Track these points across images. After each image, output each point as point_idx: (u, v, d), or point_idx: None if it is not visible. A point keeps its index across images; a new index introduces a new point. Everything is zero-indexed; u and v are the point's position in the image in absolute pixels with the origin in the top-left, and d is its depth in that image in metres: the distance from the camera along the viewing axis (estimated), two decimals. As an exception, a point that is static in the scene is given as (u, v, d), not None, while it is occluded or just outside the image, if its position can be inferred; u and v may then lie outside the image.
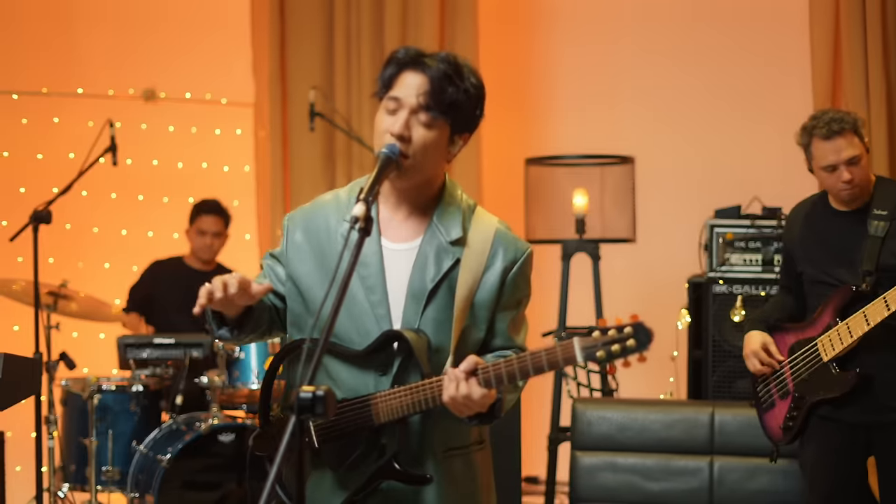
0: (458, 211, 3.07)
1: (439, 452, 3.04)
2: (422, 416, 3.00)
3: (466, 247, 3.03)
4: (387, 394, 2.99)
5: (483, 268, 3.03)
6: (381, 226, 3.09)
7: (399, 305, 3.03)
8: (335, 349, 3.06)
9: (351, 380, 3.04)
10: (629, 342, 2.73)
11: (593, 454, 5.47)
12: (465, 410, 2.88)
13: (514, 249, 3.07)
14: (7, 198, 7.22)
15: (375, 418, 3.00)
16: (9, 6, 7.36)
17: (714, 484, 5.36)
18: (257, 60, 7.27)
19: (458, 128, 3.03)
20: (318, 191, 7.03)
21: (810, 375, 4.48)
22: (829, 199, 4.63)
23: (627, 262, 7.10)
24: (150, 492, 5.79)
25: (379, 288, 3.03)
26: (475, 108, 3.05)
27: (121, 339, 6.29)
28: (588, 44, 7.49)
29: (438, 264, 3.02)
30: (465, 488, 3.10)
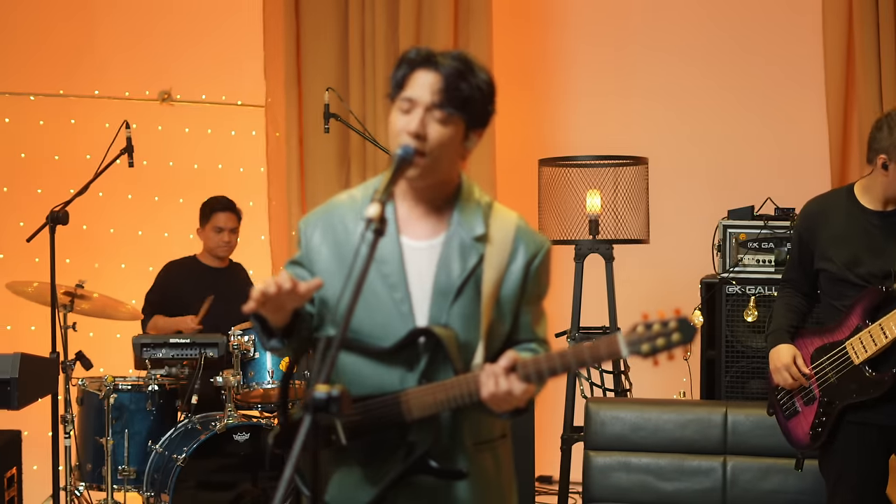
0: (478, 208, 3.09)
1: (469, 446, 3.06)
2: (452, 411, 3.02)
3: (489, 243, 3.05)
4: (418, 391, 3.00)
5: (506, 263, 3.05)
6: (401, 224, 3.11)
7: (423, 302, 3.05)
8: (358, 346, 3.08)
9: (376, 376, 3.05)
10: (675, 336, 2.74)
11: (606, 454, 5.48)
12: (505, 406, 2.89)
13: (535, 243, 3.08)
14: (24, 199, 7.25)
15: (407, 415, 3.00)
16: (26, 9, 7.39)
17: (727, 484, 5.36)
18: (272, 62, 7.28)
19: (472, 124, 3.05)
20: (333, 192, 7.00)
21: (839, 379, 4.38)
22: (856, 196, 4.49)
23: (641, 263, 7.10)
24: (166, 491, 5.80)
25: (401, 285, 3.04)
26: (488, 104, 3.07)
27: (136, 338, 6.30)
28: (601, 44, 7.50)
29: (464, 261, 3.04)
30: (494, 481, 3.12)
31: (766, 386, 4.68)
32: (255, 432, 5.92)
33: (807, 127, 7.12)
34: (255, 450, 5.91)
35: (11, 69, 7.31)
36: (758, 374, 5.92)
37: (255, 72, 7.41)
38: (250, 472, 5.94)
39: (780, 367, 4.49)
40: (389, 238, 3.03)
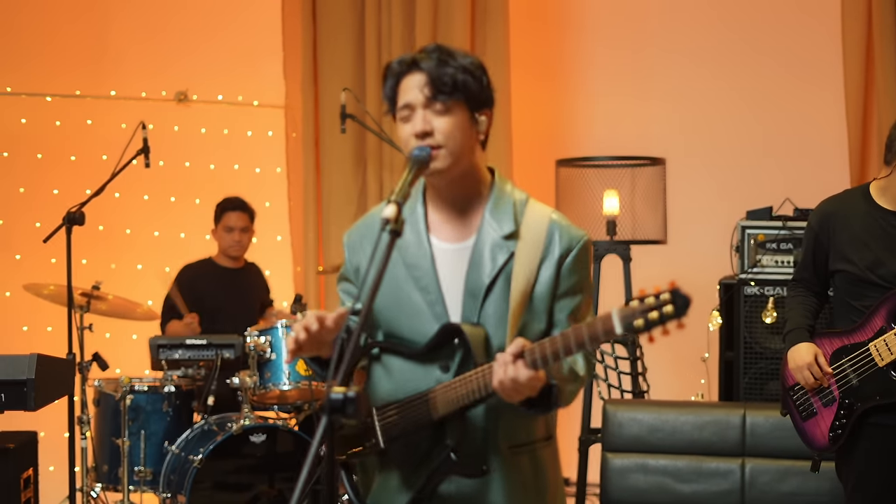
0: (510, 205, 3.08)
1: (504, 449, 3.04)
2: (485, 412, 3.00)
3: (520, 240, 3.04)
4: (443, 387, 3.00)
5: (539, 260, 3.03)
6: (432, 226, 3.12)
7: (456, 304, 3.05)
8: (396, 349, 3.11)
9: (414, 378, 3.06)
10: (666, 308, 2.64)
11: (624, 456, 5.46)
12: (515, 395, 2.85)
13: (569, 237, 3.06)
14: (40, 199, 7.25)
15: (433, 412, 3.00)
16: (42, 9, 7.40)
17: (745, 486, 5.34)
18: (289, 62, 7.28)
19: (473, 104, 3.05)
20: (349, 192, 7.06)
21: (861, 381, 4.34)
22: (873, 197, 4.46)
23: (658, 264, 7.06)
24: (182, 492, 5.80)
25: (433, 287, 3.05)
26: (480, 81, 3.07)
27: (153, 339, 6.31)
28: (618, 45, 7.47)
29: (494, 260, 3.03)
30: (533, 486, 3.08)
31: (780, 386, 4.65)
32: (271, 433, 5.92)
33: (825, 127, 7.08)
34: (272, 451, 5.91)
35: (28, 70, 7.32)
36: (776, 376, 5.89)
37: (272, 72, 7.41)
38: (267, 473, 5.93)
39: (802, 366, 4.45)
40: (419, 241, 3.07)
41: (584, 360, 3.02)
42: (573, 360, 2.98)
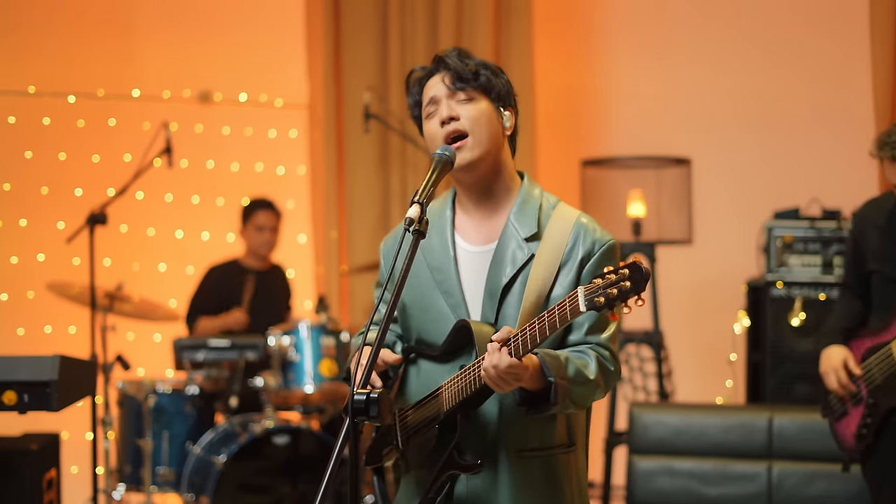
0: (535, 208, 3.07)
1: (513, 453, 3.02)
2: (498, 415, 3.00)
3: (542, 242, 3.03)
4: (448, 381, 3.02)
5: (559, 262, 3.01)
6: (459, 229, 3.13)
7: (478, 306, 3.06)
8: (424, 351, 3.14)
9: (437, 378, 3.08)
10: (624, 283, 2.62)
11: (650, 458, 5.43)
12: (503, 385, 2.84)
13: (592, 241, 3.04)
14: (63, 200, 7.26)
15: (442, 408, 3.02)
16: (65, 9, 7.40)
17: (772, 489, 5.30)
18: (312, 62, 7.27)
19: (496, 99, 3.09)
20: (372, 192, 7.04)
21: (885, 380, 4.30)
22: None
23: (684, 264, 7.03)
24: (205, 493, 5.79)
25: (456, 290, 3.06)
26: (499, 77, 3.11)
27: (177, 341, 6.32)
28: (644, 45, 7.43)
29: (513, 262, 3.02)
30: (544, 492, 3.06)
31: (820, 388, 4.61)
32: (294, 435, 5.91)
33: (853, 127, 7.03)
34: (295, 453, 5.90)
35: (51, 70, 7.32)
36: (803, 378, 5.85)
37: (296, 72, 7.40)
38: (290, 475, 5.93)
39: (829, 370, 4.44)
40: (444, 245, 3.09)
41: (597, 362, 2.98)
42: (582, 363, 2.95)
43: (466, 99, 3.03)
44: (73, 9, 7.44)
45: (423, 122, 3.10)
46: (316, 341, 6.09)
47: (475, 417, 3.01)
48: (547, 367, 2.87)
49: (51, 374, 4.00)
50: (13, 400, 4.00)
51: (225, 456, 5.79)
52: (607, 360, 3.01)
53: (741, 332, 6.08)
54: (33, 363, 4.04)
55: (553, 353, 2.92)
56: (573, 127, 7.50)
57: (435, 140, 3.03)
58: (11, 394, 4.00)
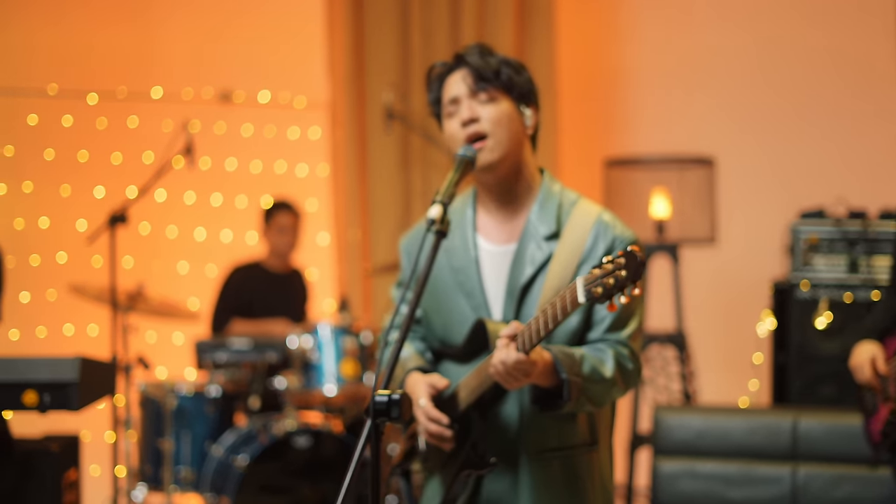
0: (555, 206, 3.05)
1: (533, 453, 3.00)
2: (518, 416, 2.98)
3: (561, 240, 3.01)
4: (464, 380, 3.03)
5: (579, 259, 3.00)
6: (481, 228, 3.12)
7: (500, 306, 3.04)
8: (447, 352, 3.14)
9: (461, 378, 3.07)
10: (620, 273, 2.59)
11: (674, 461, 5.39)
12: (511, 381, 2.83)
13: (612, 237, 3.02)
14: (84, 199, 7.26)
15: (458, 406, 3.02)
16: (86, 8, 7.41)
17: (798, 492, 5.25)
18: (334, 61, 7.24)
19: (517, 96, 3.07)
20: (394, 192, 7.01)
21: None
22: None
23: (708, 265, 7.00)
24: (226, 494, 5.79)
25: (477, 291, 3.05)
26: (521, 75, 3.09)
27: (199, 342, 6.33)
28: (668, 43, 7.39)
29: (532, 261, 3.01)
30: (565, 492, 3.04)
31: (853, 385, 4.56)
32: (315, 437, 5.90)
33: (880, 126, 6.98)
34: (316, 454, 5.89)
35: (72, 70, 7.32)
36: (829, 380, 5.81)
37: (317, 71, 7.38)
38: (311, 476, 5.91)
39: (855, 366, 4.40)
40: (465, 245, 3.08)
41: (615, 360, 2.96)
42: (598, 360, 2.93)
43: (488, 99, 3.01)
44: (94, 8, 7.44)
45: (443, 119, 3.09)
46: (337, 342, 6.08)
47: (495, 418, 3.00)
48: (560, 364, 2.86)
49: (71, 375, 4.00)
50: (34, 400, 4.00)
51: (246, 457, 5.78)
52: (626, 358, 2.99)
53: (766, 333, 6.03)
54: (54, 364, 4.04)
55: (567, 351, 2.91)
56: (596, 126, 7.46)
57: (455, 140, 3.01)
58: (32, 394, 4.00)
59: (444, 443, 2.99)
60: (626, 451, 6.37)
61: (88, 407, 4.15)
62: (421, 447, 3.13)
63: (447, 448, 3.00)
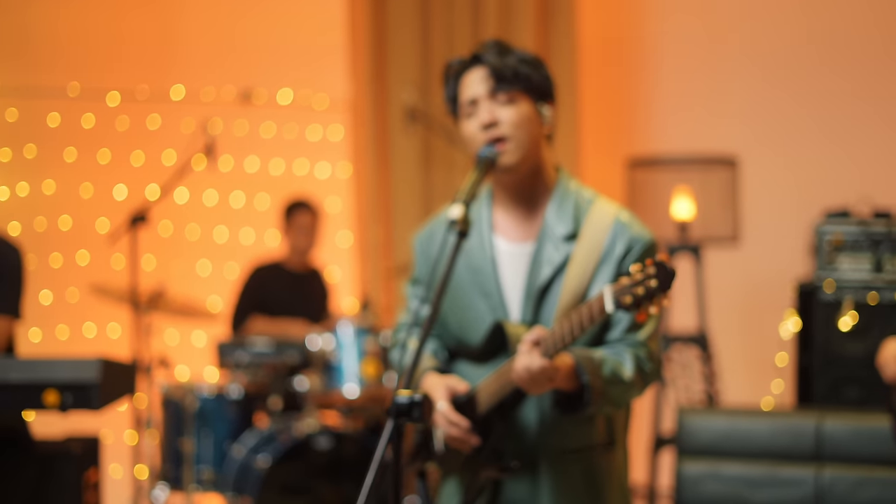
0: (572, 205, 3.04)
1: (553, 455, 2.99)
2: (538, 419, 2.97)
3: (579, 241, 2.99)
4: (483, 382, 3.01)
5: (597, 261, 2.98)
6: (497, 226, 3.11)
7: (518, 306, 3.01)
8: (463, 352, 3.13)
9: (478, 380, 3.06)
10: (651, 283, 2.59)
11: (698, 462, 5.36)
12: (535, 387, 2.82)
13: (630, 238, 3.01)
14: (105, 200, 7.28)
15: (478, 409, 3.00)
16: (108, 8, 7.42)
17: (822, 494, 5.22)
18: (355, 61, 7.24)
19: (536, 95, 3.05)
20: (415, 192, 7.00)
21: None
22: None
23: (731, 266, 6.97)
24: (248, 495, 5.79)
25: (495, 292, 3.04)
26: (539, 70, 3.06)
27: (221, 343, 6.34)
28: (691, 44, 7.35)
29: (550, 262, 2.99)
30: (585, 493, 3.03)
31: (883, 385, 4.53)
32: (337, 437, 5.90)
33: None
34: (337, 454, 5.88)
35: (93, 70, 7.34)
36: (854, 381, 5.77)
37: (339, 71, 7.37)
38: (331, 477, 5.91)
39: (882, 363, 4.37)
40: (482, 245, 3.07)
41: (634, 362, 2.94)
42: (618, 362, 2.92)
43: (507, 100, 3.00)
44: (115, 8, 7.45)
45: (460, 119, 3.08)
46: (359, 342, 6.07)
47: (515, 420, 2.99)
48: (581, 368, 2.85)
49: (92, 376, 4.01)
50: (55, 400, 4.01)
51: (268, 457, 5.78)
52: (644, 360, 2.98)
53: (789, 334, 5.99)
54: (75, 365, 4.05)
55: (588, 354, 2.89)
56: (619, 124, 7.44)
57: (474, 141, 3.01)
58: (53, 394, 4.01)
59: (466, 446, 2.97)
60: (649, 453, 6.35)
61: (109, 407, 4.16)
62: (438, 449, 3.12)
63: (468, 451, 2.99)
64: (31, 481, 4.72)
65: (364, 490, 2.46)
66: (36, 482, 4.76)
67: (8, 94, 7.18)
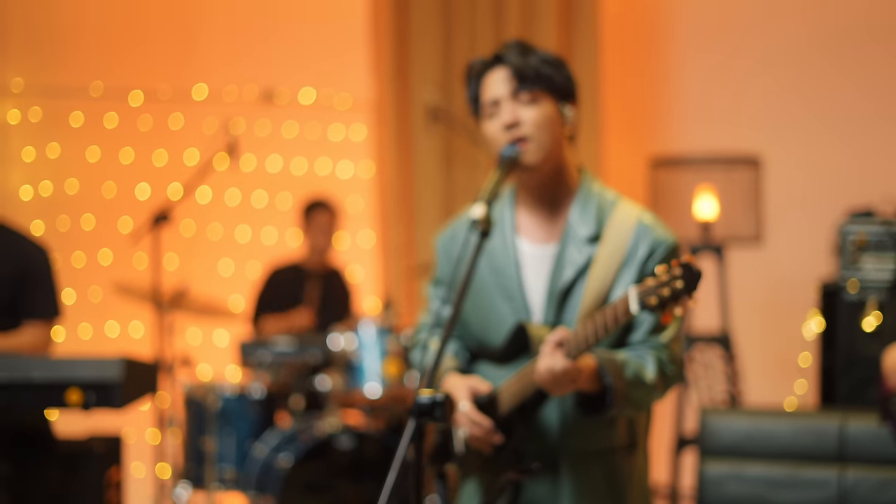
0: (595, 206, 3.03)
1: (574, 457, 2.98)
2: (560, 420, 2.96)
3: (602, 242, 2.98)
4: (505, 384, 3.00)
5: (620, 263, 2.97)
6: (521, 228, 3.10)
7: (540, 309, 3.00)
8: (485, 353, 3.12)
9: (500, 382, 3.05)
10: (677, 284, 2.58)
11: (720, 463, 5.34)
12: (557, 388, 2.82)
13: (653, 240, 3.00)
14: (128, 199, 7.30)
15: (500, 410, 2.99)
16: (130, 7, 7.44)
17: (845, 495, 5.19)
18: (378, 59, 7.24)
19: (558, 95, 3.04)
20: (437, 192, 7.00)
21: None
22: None
23: (754, 266, 6.94)
24: (269, 494, 5.80)
25: (518, 294, 3.03)
26: (561, 70, 3.05)
27: (243, 343, 6.35)
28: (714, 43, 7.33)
29: (573, 264, 2.98)
30: (606, 496, 3.02)
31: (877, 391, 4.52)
32: (358, 436, 5.90)
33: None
34: (358, 454, 5.89)
35: (116, 70, 7.35)
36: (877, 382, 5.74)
37: (362, 70, 7.37)
38: (353, 476, 5.91)
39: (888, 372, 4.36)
40: (505, 246, 3.06)
41: (657, 364, 2.93)
42: (640, 365, 2.91)
43: (529, 101, 2.99)
44: (137, 8, 7.47)
45: (482, 119, 3.07)
46: (380, 342, 6.08)
47: (537, 421, 2.98)
48: (604, 370, 2.84)
49: (115, 375, 4.03)
50: (78, 399, 4.03)
51: (289, 457, 5.79)
52: (667, 363, 2.97)
53: (812, 335, 5.97)
54: (98, 364, 4.07)
55: (610, 355, 2.89)
56: (642, 124, 7.42)
57: (496, 141, 3.00)
58: (76, 393, 4.03)
59: (488, 446, 2.97)
60: (671, 453, 6.33)
61: (131, 406, 4.18)
62: (458, 449, 3.11)
63: (489, 451, 2.98)
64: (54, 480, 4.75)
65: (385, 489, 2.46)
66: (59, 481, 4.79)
67: (32, 94, 7.21)
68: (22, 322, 4.55)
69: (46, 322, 4.61)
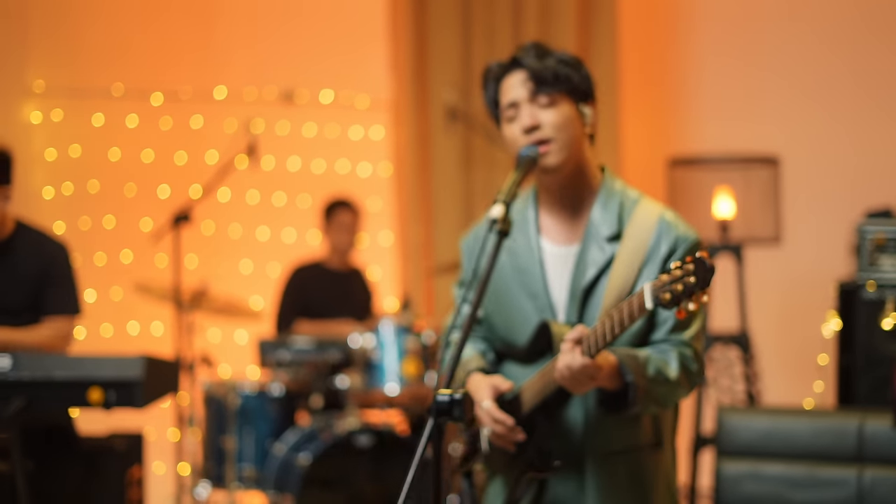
0: (616, 205, 3.04)
1: (599, 455, 2.99)
2: (584, 418, 2.97)
3: (623, 241, 2.99)
4: (527, 382, 3.01)
5: (642, 261, 2.97)
6: (543, 229, 3.10)
7: (564, 308, 3.01)
8: (510, 353, 3.12)
9: (524, 380, 3.06)
10: (689, 279, 2.58)
11: (738, 463, 5.34)
12: (577, 386, 2.82)
13: (675, 237, 3.00)
14: (148, 199, 7.32)
15: (523, 408, 3.00)
16: (151, 9, 7.46)
17: (863, 495, 5.19)
18: (396, 59, 7.25)
19: (576, 96, 3.04)
20: (456, 192, 7.01)
21: None
22: None
23: (772, 265, 6.93)
24: (289, 492, 5.81)
25: (542, 293, 3.03)
26: (580, 71, 3.06)
27: (263, 342, 6.36)
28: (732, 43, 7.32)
29: (595, 263, 2.99)
30: (631, 494, 3.02)
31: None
32: (378, 435, 5.91)
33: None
34: (378, 453, 5.89)
35: (136, 70, 7.38)
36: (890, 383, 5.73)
37: (381, 71, 7.39)
38: (373, 475, 5.92)
39: None
40: (529, 246, 3.07)
41: (679, 362, 2.94)
42: (663, 362, 2.91)
43: (548, 103, 2.99)
44: (158, 8, 7.49)
45: (502, 123, 3.07)
46: (400, 341, 6.08)
47: (560, 420, 2.99)
48: (625, 367, 2.84)
49: (136, 373, 4.05)
50: (99, 398, 4.05)
51: (308, 455, 5.80)
52: (690, 360, 2.97)
53: (831, 334, 5.96)
54: (119, 362, 4.09)
55: (632, 353, 2.89)
56: (660, 124, 7.42)
57: (516, 144, 3.00)
58: (98, 391, 4.05)
59: (511, 444, 2.98)
60: (689, 452, 6.33)
61: (152, 404, 4.19)
62: (484, 448, 3.12)
63: (512, 449, 2.99)
64: (76, 477, 4.78)
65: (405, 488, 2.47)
66: (80, 478, 4.82)
67: (53, 95, 7.24)
68: (43, 319, 4.59)
69: (67, 318, 4.65)
